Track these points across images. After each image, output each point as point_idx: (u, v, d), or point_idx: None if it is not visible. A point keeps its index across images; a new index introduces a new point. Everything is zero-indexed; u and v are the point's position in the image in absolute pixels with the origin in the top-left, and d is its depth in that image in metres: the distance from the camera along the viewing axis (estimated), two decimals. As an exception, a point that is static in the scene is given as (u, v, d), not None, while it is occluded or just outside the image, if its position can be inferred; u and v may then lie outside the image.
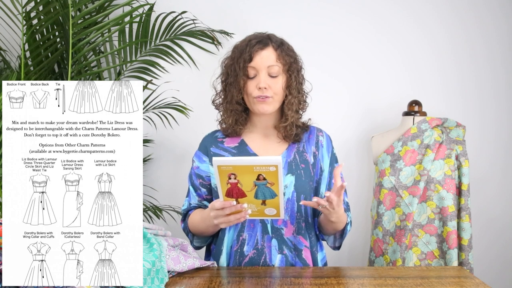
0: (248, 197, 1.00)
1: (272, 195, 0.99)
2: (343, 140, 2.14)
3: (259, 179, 0.96)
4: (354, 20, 2.13)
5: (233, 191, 0.99)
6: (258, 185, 0.98)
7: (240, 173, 0.95)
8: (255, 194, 0.99)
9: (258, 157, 0.96)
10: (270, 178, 0.96)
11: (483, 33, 2.12)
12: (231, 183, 0.98)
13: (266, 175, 0.95)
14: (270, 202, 1.01)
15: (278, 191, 0.99)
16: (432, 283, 1.00)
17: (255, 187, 0.98)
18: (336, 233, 1.27)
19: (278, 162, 0.93)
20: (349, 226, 1.25)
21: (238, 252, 1.20)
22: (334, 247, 1.32)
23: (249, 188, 0.98)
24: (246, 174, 0.95)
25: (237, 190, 0.99)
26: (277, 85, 1.21)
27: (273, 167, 0.94)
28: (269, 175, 0.95)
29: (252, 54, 1.20)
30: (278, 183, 0.97)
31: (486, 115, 2.13)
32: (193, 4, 2.13)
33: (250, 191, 0.99)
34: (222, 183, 0.98)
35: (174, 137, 2.17)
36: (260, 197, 1.00)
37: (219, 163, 0.94)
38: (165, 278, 0.98)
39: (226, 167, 0.95)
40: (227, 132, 1.29)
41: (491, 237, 2.14)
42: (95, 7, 1.78)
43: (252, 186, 0.98)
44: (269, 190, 0.99)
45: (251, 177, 0.96)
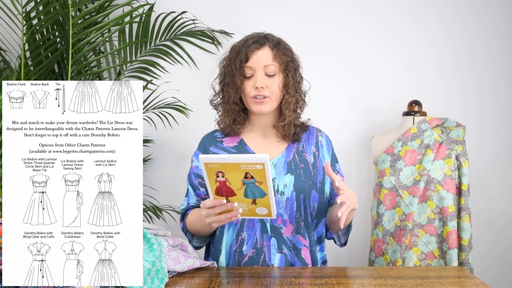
0: (238, 196, 0.99)
1: (262, 194, 0.98)
2: (343, 140, 2.14)
3: (247, 177, 0.95)
4: (354, 20, 2.13)
5: (222, 189, 0.98)
6: (246, 183, 0.96)
7: (227, 171, 0.94)
8: (244, 193, 0.98)
9: (245, 155, 0.94)
10: (258, 177, 0.94)
11: (483, 33, 2.12)
12: (219, 181, 0.96)
13: (254, 174, 0.94)
14: (260, 201, 1.00)
15: (267, 190, 0.97)
16: (432, 283, 1.00)
17: (244, 185, 0.97)
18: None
19: (264, 160, 0.91)
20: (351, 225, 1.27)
21: (237, 251, 1.20)
22: (341, 244, 1.32)
23: (237, 187, 0.97)
24: (233, 172, 0.94)
25: (226, 189, 0.98)
26: (274, 84, 1.21)
27: (260, 165, 0.92)
28: (256, 174, 0.94)
29: (249, 54, 1.20)
30: (267, 181, 0.95)
31: (486, 115, 2.13)
32: (193, 4, 2.13)
33: (239, 189, 0.98)
34: (210, 181, 0.97)
35: (174, 137, 2.17)
36: (249, 196, 0.99)
37: (205, 161, 0.93)
38: (165, 278, 0.98)
39: (213, 164, 0.93)
40: (225, 131, 1.29)
41: (491, 237, 2.14)
42: (95, 7, 1.78)
43: (241, 185, 0.97)
44: (258, 188, 0.97)
45: (238, 175, 0.95)
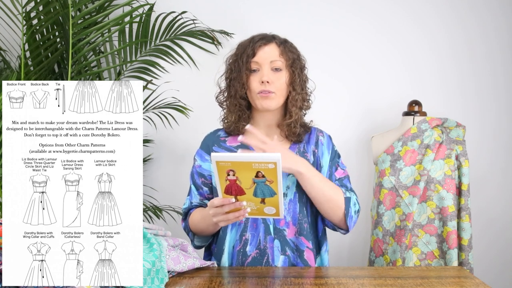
0: (247, 194, 0.99)
1: (272, 193, 0.98)
2: (343, 140, 2.13)
3: (258, 176, 0.95)
4: (354, 20, 2.13)
5: (232, 188, 0.98)
6: (257, 182, 0.96)
7: (238, 170, 0.94)
8: (254, 192, 0.98)
9: (257, 154, 0.94)
10: (269, 176, 0.94)
11: (483, 33, 2.12)
12: (229, 179, 0.96)
13: (265, 173, 0.94)
14: (269, 200, 1.00)
15: (277, 189, 0.97)
16: (432, 283, 1.00)
17: (254, 184, 0.96)
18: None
19: (277, 159, 0.91)
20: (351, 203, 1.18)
21: (241, 252, 1.20)
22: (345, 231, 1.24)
23: (248, 186, 0.97)
24: (244, 170, 0.94)
25: (236, 187, 0.98)
26: (280, 80, 1.21)
27: (272, 164, 0.92)
28: (268, 173, 0.94)
29: (255, 50, 1.21)
30: (278, 181, 0.95)
31: (486, 115, 2.13)
32: (193, 4, 2.13)
33: (249, 188, 0.97)
34: (220, 180, 0.97)
35: (174, 137, 2.17)
36: (259, 195, 0.99)
37: (217, 159, 0.93)
38: (165, 278, 0.98)
39: (225, 163, 0.93)
40: (230, 129, 1.29)
41: (491, 237, 2.14)
42: (95, 7, 1.78)
43: (251, 184, 0.96)
44: (268, 188, 0.97)
45: (250, 174, 0.95)
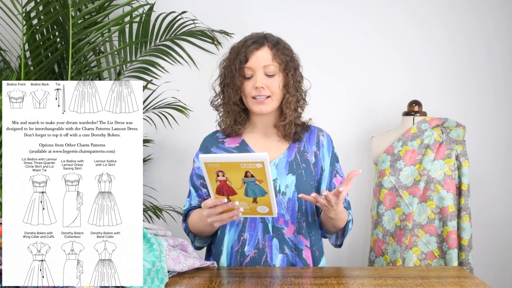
0: (239, 194, 1.00)
1: (263, 192, 0.99)
2: (343, 140, 2.14)
3: (247, 176, 0.95)
4: (354, 20, 2.13)
5: (223, 188, 0.99)
6: (246, 182, 0.97)
7: (227, 170, 0.95)
8: (245, 191, 0.99)
9: (244, 154, 0.94)
10: (258, 175, 0.95)
11: (483, 33, 2.12)
12: (220, 180, 0.97)
13: (254, 172, 0.94)
14: (261, 200, 1.01)
15: (267, 188, 0.98)
16: (432, 283, 1.00)
17: (244, 184, 0.97)
18: (338, 231, 1.27)
19: (264, 159, 0.92)
20: (350, 224, 1.25)
21: (239, 252, 1.20)
22: (336, 245, 1.33)
23: (238, 186, 0.98)
24: (233, 171, 0.95)
25: (227, 188, 0.99)
26: (274, 84, 1.21)
27: (260, 164, 0.93)
28: (256, 172, 0.94)
29: (248, 55, 1.20)
30: (267, 180, 0.96)
31: (486, 115, 2.13)
32: (193, 4, 2.13)
33: (240, 188, 0.98)
34: (211, 181, 0.98)
35: (174, 137, 2.17)
36: (250, 195, 1.00)
37: (205, 160, 0.94)
38: (165, 278, 0.98)
39: (213, 164, 0.94)
40: (227, 132, 1.29)
41: (491, 237, 2.14)
42: (95, 7, 1.78)
43: (241, 184, 0.97)
44: (258, 187, 0.98)
45: (239, 174, 0.95)
